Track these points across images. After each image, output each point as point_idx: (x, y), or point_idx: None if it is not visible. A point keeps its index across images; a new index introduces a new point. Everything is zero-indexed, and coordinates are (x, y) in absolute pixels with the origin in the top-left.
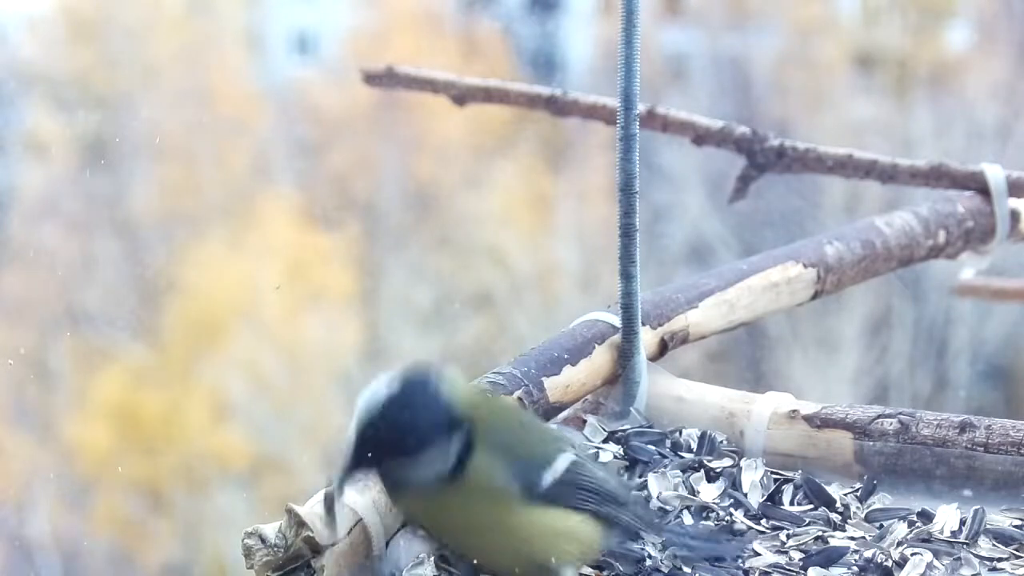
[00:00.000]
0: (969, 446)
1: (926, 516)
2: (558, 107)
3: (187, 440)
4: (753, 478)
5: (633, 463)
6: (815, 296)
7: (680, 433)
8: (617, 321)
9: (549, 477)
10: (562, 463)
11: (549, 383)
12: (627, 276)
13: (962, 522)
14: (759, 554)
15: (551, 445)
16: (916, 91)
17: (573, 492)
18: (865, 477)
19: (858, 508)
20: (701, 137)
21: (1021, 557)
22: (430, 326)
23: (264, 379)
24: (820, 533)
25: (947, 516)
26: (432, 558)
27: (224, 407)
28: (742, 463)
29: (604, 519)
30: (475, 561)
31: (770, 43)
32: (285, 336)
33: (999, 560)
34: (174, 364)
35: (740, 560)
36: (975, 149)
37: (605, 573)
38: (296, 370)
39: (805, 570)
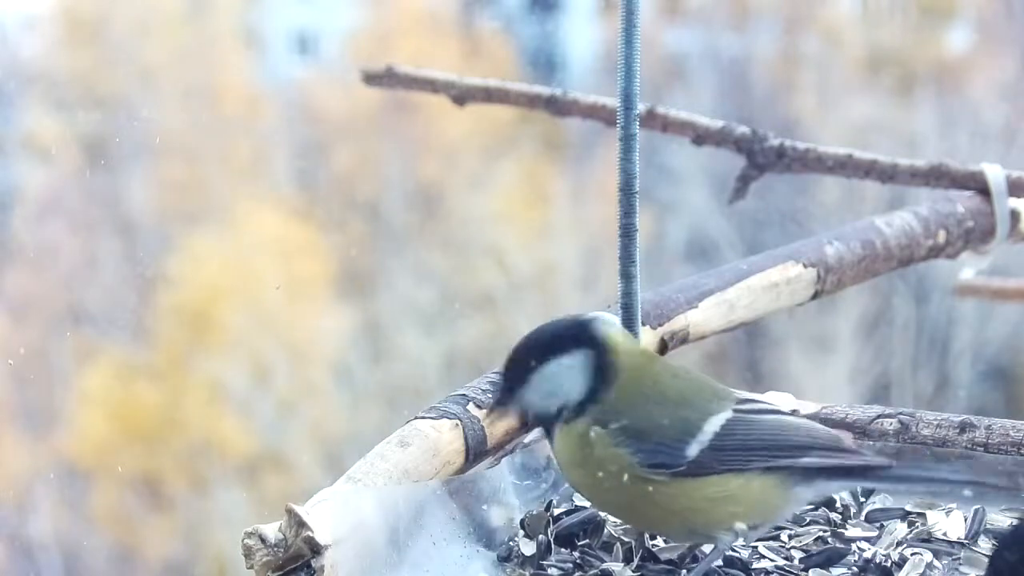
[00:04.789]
0: (969, 446)
1: (926, 516)
2: (558, 107)
3: (188, 439)
4: None
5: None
6: (815, 296)
7: None
8: (617, 321)
9: (695, 447)
10: (712, 426)
11: None
12: (627, 276)
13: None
14: (761, 555)
15: (697, 410)
16: (919, 91)
17: (730, 454)
18: None
19: (858, 508)
20: (701, 137)
21: None
22: (432, 326)
23: (266, 379)
24: (821, 533)
25: (947, 516)
26: None
27: (227, 407)
28: None
29: (784, 470)
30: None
31: (771, 43)
32: (287, 336)
33: None
34: (176, 364)
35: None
36: (979, 149)
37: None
38: (298, 370)
39: (806, 570)
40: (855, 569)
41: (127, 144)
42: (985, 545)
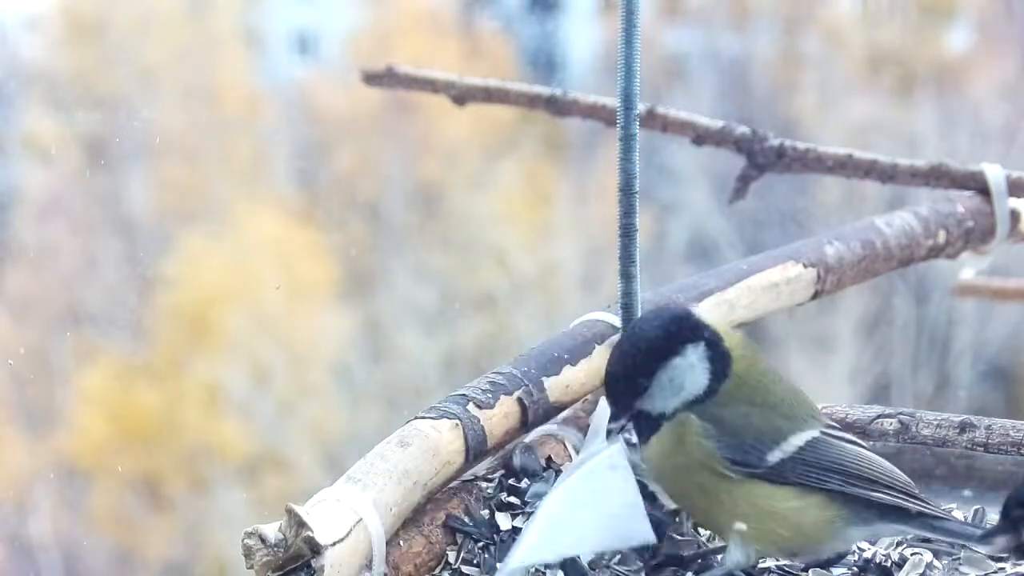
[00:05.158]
0: (969, 446)
1: None
2: (558, 107)
3: (188, 439)
4: None
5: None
6: (815, 296)
7: None
8: (617, 321)
9: (777, 454)
10: (799, 440)
11: (549, 383)
12: (627, 276)
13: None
14: None
15: (791, 421)
16: (919, 91)
17: (808, 471)
18: None
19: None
20: (701, 137)
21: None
22: (432, 325)
23: (266, 380)
24: None
25: None
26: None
27: (226, 407)
28: None
29: (852, 499)
30: (693, 519)
31: (771, 43)
32: (287, 336)
33: (999, 560)
34: (176, 364)
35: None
36: (979, 149)
37: None
38: (298, 370)
39: (806, 570)
40: (855, 569)
41: (127, 144)
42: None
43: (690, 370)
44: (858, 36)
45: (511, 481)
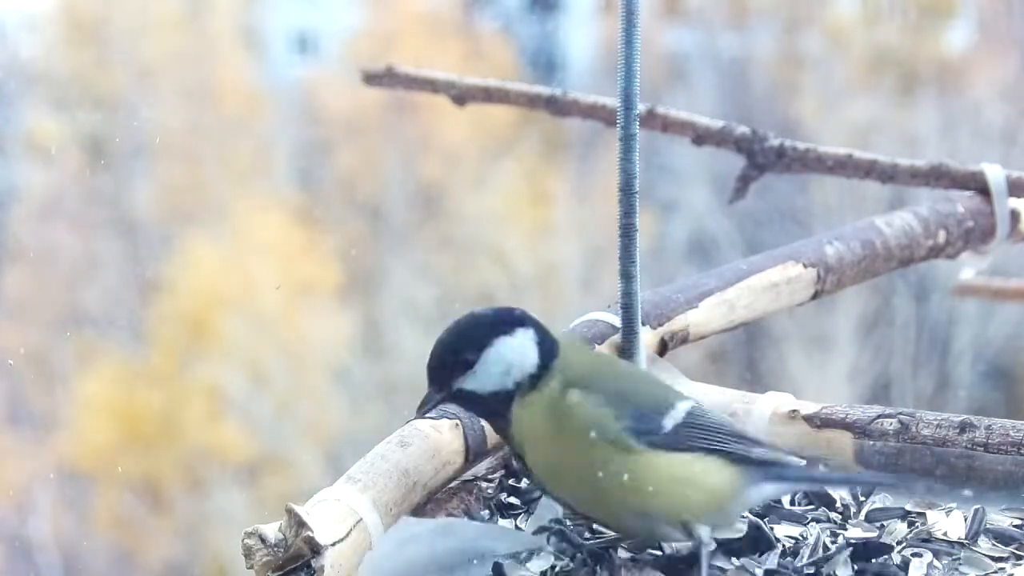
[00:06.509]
0: (969, 446)
1: (926, 516)
2: (558, 107)
3: (188, 440)
4: None
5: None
6: (815, 296)
7: None
8: (617, 321)
9: (670, 421)
10: (684, 406)
11: None
12: (627, 276)
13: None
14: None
15: (667, 391)
16: (920, 91)
17: (700, 433)
18: None
19: (857, 508)
20: (701, 137)
21: (1021, 557)
22: (432, 325)
23: (265, 378)
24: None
25: (947, 516)
26: None
27: (226, 408)
28: None
29: (738, 460)
30: (581, 511)
31: (771, 43)
32: (287, 337)
33: (999, 560)
34: (176, 365)
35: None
36: (980, 149)
37: None
38: (297, 369)
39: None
40: (854, 568)
41: (127, 144)
42: (985, 545)
43: (520, 349)
44: (858, 36)
45: (511, 481)
